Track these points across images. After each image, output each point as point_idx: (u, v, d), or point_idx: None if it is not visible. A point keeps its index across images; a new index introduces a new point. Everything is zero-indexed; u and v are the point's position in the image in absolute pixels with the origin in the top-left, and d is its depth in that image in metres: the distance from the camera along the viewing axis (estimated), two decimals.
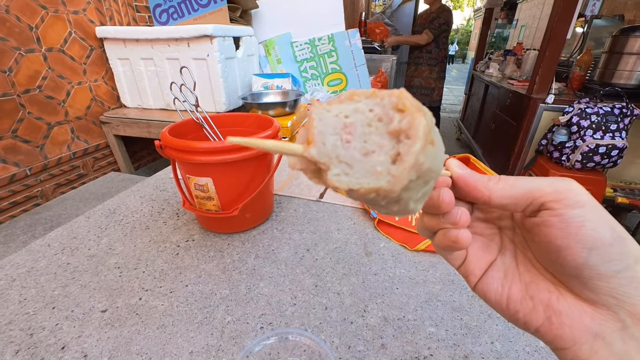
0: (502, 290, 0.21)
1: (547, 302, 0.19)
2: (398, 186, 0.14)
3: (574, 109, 1.59)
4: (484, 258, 0.23)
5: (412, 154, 0.13)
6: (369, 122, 0.15)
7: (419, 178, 0.14)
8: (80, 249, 0.56)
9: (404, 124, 0.14)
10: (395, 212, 0.16)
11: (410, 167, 0.13)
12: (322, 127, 0.15)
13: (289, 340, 0.37)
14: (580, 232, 0.17)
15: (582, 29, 2.14)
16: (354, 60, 1.60)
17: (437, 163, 0.15)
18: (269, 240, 0.58)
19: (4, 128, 1.04)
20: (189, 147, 0.49)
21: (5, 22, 1.01)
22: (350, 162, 0.15)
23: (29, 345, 0.39)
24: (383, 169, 0.14)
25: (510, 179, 0.20)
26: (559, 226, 0.17)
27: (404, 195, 0.14)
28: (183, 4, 1.30)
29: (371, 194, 0.14)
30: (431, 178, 0.16)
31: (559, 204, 0.18)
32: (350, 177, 0.14)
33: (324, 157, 0.15)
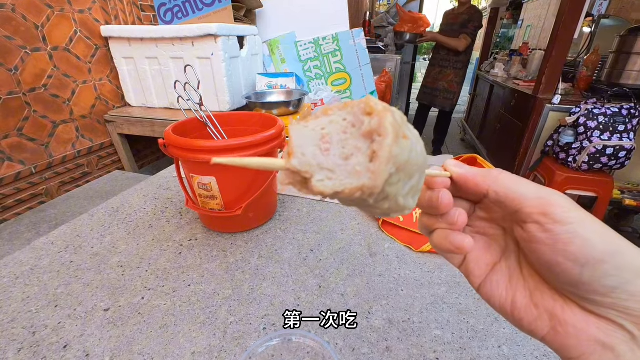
0: (507, 295, 0.21)
1: (552, 311, 0.18)
2: (379, 180, 0.14)
3: (581, 109, 1.57)
4: (485, 259, 0.22)
5: (385, 147, 0.14)
6: (344, 130, 0.16)
7: (399, 171, 0.15)
8: (83, 247, 0.56)
9: (373, 123, 0.15)
10: (388, 209, 0.17)
11: (387, 160, 0.14)
12: (300, 141, 0.16)
13: (292, 342, 0.36)
14: (569, 249, 0.16)
15: (590, 28, 2.11)
16: (359, 60, 1.59)
17: (415, 156, 0.16)
18: (272, 240, 0.57)
19: (9, 126, 1.04)
20: (192, 146, 0.48)
21: (11, 20, 1.02)
22: (332, 167, 0.16)
23: (31, 343, 0.39)
24: (362, 167, 0.15)
25: (507, 178, 0.20)
26: (548, 242, 0.17)
27: (389, 190, 0.15)
28: (188, 3, 1.30)
29: (356, 193, 0.15)
30: (415, 171, 0.16)
31: (546, 219, 0.17)
32: (333, 180, 0.15)
33: (305, 166, 0.16)
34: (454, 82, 2.69)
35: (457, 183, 0.22)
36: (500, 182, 0.20)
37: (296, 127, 0.17)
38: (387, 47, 2.62)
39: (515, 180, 0.19)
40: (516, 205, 0.19)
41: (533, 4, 5.92)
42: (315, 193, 0.16)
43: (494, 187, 0.20)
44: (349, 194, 0.15)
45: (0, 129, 1.02)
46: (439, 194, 0.21)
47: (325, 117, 0.17)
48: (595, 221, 0.17)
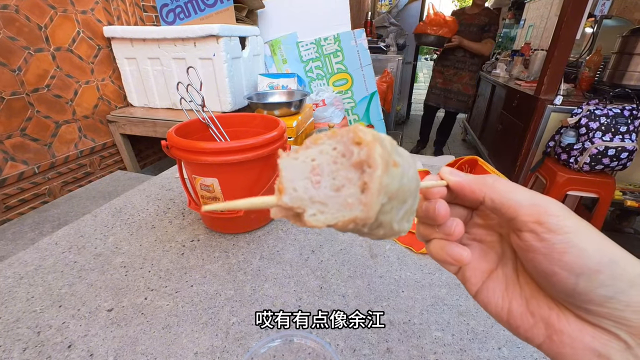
0: (503, 303, 0.21)
1: (548, 319, 0.18)
2: (371, 212, 0.14)
3: (583, 110, 1.57)
4: (481, 266, 0.22)
5: (375, 179, 0.14)
6: (334, 160, 0.16)
7: (391, 200, 0.15)
8: (87, 247, 0.56)
9: (362, 154, 0.15)
10: (382, 235, 0.17)
11: (377, 192, 0.14)
12: (290, 175, 0.16)
13: (293, 343, 0.37)
14: (564, 259, 0.16)
15: (592, 29, 2.11)
16: (360, 60, 1.59)
17: (408, 181, 0.16)
18: (274, 241, 0.58)
19: (13, 126, 1.05)
20: (195, 148, 0.49)
21: (15, 21, 1.02)
22: (324, 200, 0.16)
23: (36, 343, 0.39)
24: (354, 199, 0.15)
25: (502, 185, 0.20)
26: (543, 252, 0.17)
27: (383, 218, 0.15)
28: (190, 3, 1.31)
29: (350, 225, 0.15)
30: (408, 196, 0.17)
31: (541, 228, 0.17)
32: (325, 214, 0.15)
33: (297, 201, 0.16)
34: (469, 84, 2.62)
35: (454, 191, 0.22)
36: (495, 189, 0.20)
37: (286, 160, 0.17)
38: (388, 47, 2.62)
39: (511, 187, 0.19)
40: (511, 212, 0.19)
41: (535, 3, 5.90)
42: (307, 226, 0.16)
43: (489, 194, 0.20)
44: (342, 227, 0.15)
45: (4, 129, 1.03)
46: (435, 204, 0.21)
47: (315, 147, 0.17)
48: (591, 230, 0.17)
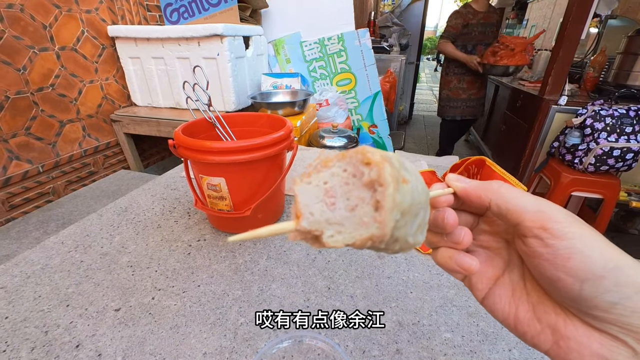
0: (510, 309, 0.21)
1: (554, 325, 0.18)
2: (387, 229, 0.15)
3: (588, 110, 1.56)
4: (487, 273, 0.22)
5: (388, 197, 0.15)
6: (345, 181, 0.17)
7: (404, 215, 0.16)
8: (93, 246, 0.56)
9: (373, 174, 0.16)
10: (399, 250, 0.17)
11: (391, 209, 0.15)
12: (306, 200, 0.17)
13: (303, 344, 0.36)
14: (569, 265, 0.16)
15: (597, 29, 2.10)
16: (364, 60, 1.59)
17: (417, 196, 0.17)
18: (280, 241, 0.58)
19: (17, 125, 1.05)
20: (202, 147, 0.48)
21: (20, 20, 1.02)
22: (340, 221, 0.16)
23: (44, 342, 0.39)
24: (369, 218, 0.16)
25: (507, 191, 0.20)
26: (547, 257, 0.17)
27: (397, 234, 0.16)
28: (194, 3, 1.31)
29: (367, 243, 0.15)
30: (419, 210, 0.17)
31: (546, 233, 0.17)
32: (343, 234, 0.16)
33: (315, 225, 0.16)
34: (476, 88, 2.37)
35: (460, 197, 0.22)
36: (501, 195, 0.20)
37: (300, 186, 0.17)
38: (391, 47, 2.61)
39: (516, 193, 0.19)
40: (516, 218, 0.19)
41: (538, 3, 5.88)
42: (327, 247, 0.16)
43: (495, 200, 0.20)
44: (360, 245, 0.15)
45: (9, 128, 1.03)
46: (444, 213, 0.21)
47: (326, 170, 0.17)
48: (595, 236, 0.17)
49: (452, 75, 2.32)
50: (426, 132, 4.17)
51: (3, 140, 1.02)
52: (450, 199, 0.22)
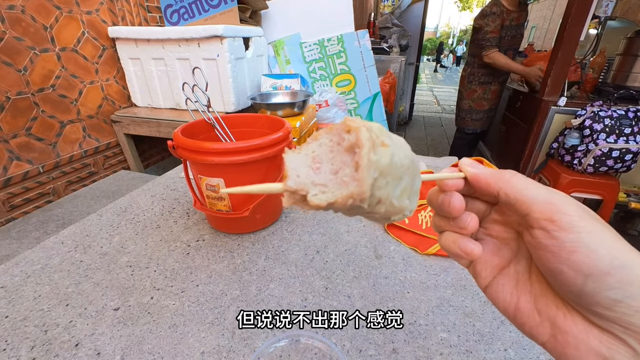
0: (511, 299, 0.21)
1: (554, 319, 0.18)
2: (365, 186, 0.16)
3: (587, 112, 1.57)
4: (493, 262, 0.22)
5: (364, 156, 0.16)
6: (330, 149, 0.18)
7: (383, 175, 0.16)
8: (92, 246, 0.56)
9: (352, 138, 0.17)
10: (386, 212, 0.18)
11: (367, 167, 0.16)
12: (294, 165, 0.18)
13: (300, 343, 0.37)
14: (573, 258, 0.16)
15: (596, 30, 2.10)
16: (363, 61, 1.59)
17: (399, 160, 0.17)
18: (278, 241, 0.58)
19: (18, 126, 1.06)
20: (201, 148, 0.49)
21: (21, 22, 1.03)
22: (324, 182, 0.18)
23: (43, 341, 0.39)
24: (348, 177, 0.17)
25: (519, 181, 0.19)
26: (552, 250, 0.17)
27: (379, 193, 0.17)
28: (194, 4, 1.31)
29: (348, 201, 0.16)
30: (402, 174, 0.18)
31: (553, 225, 0.17)
32: (326, 193, 0.17)
33: (300, 185, 0.18)
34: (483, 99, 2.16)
35: (470, 183, 0.21)
36: (511, 184, 0.19)
37: (290, 154, 0.19)
38: (391, 48, 2.62)
39: (527, 183, 0.19)
40: (525, 209, 0.18)
41: (538, 4, 5.89)
42: (312, 206, 0.17)
43: (504, 189, 0.19)
44: (342, 203, 0.16)
45: (9, 129, 1.03)
46: (450, 198, 0.21)
47: (315, 142, 0.19)
48: (605, 231, 0.16)
49: (476, 85, 2.06)
50: (426, 133, 4.18)
51: (4, 141, 1.02)
52: (459, 183, 0.21)
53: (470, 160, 0.22)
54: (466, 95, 2.12)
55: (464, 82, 2.12)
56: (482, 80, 2.04)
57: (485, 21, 1.84)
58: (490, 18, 1.82)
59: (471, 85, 2.08)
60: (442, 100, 6.50)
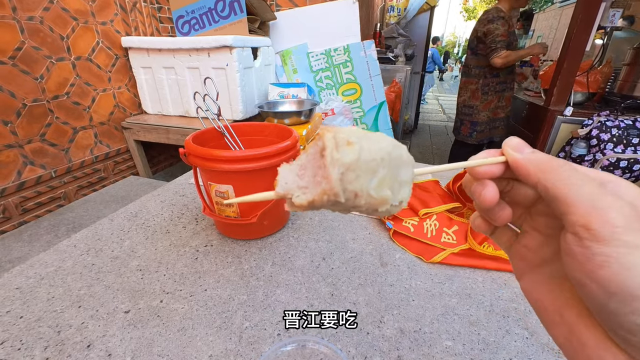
0: (539, 296, 0.20)
1: (573, 325, 0.17)
2: (332, 182, 0.17)
3: (594, 121, 1.56)
4: (526, 256, 0.21)
5: (327, 156, 0.18)
6: (313, 156, 0.20)
7: (351, 170, 0.18)
8: (104, 250, 0.58)
9: (320, 144, 0.19)
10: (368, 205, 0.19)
11: (330, 164, 0.18)
12: (285, 175, 0.21)
13: (306, 348, 0.37)
14: (600, 273, 0.14)
15: (602, 40, 2.11)
16: (369, 71, 1.62)
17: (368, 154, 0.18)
18: (285, 247, 0.59)
19: (33, 132, 1.09)
20: (211, 156, 0.50)
21: (39, 32, 1.07)
22: (306, 185, 0.20)
23: (56, 342, 0.40)
24: (320, 177, 0.19)
25: (565, 173, 0.16)
26: (580, 259, 0.15)
27: (353, 187, 0.18)
28: (204, 15, 1.35)
29: (324, 197, 0.18)
30: (377, 167, 0.19)
31: (588, 234, 0.15)
32: (306, 194, 0.19)
33: (287, 190, 0.20)
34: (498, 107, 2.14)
35: (512, 169, 0.19)
36: (553, 177, 0.16)
37: (283, 166, 0.21)
38: (397, 57, 2.64)
39: (576, 177, 0.16)
40: (563, 208, 0.16)
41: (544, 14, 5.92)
42: (297, 207, 0.19)
43: (543, 182, 0.17)
44: (319, 200, 0.18)
45: (25, 134, 1.07)
46: (482, 189, 0.19)
47: (304, 153, 0.21)
48: None
49: (492, 95, 2.02)
50: (432, 142, 4.18)
51: (19, 146, 1.05)
52: (492, 171, 0.19)
53: (517, 140, 0.19)
54: (483, 107, 2.07)
55: (478, 95, 2.05)
56: (497, 89, 2.01)
57: (493, 25, 1.83)
58: (499, 22, 1.82)
59: (487, 96, 2.03)
60: (447, 109, 6.51)
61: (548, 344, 0.41)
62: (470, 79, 2.07)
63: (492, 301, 0.48)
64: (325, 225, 0.65)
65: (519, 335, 0.42)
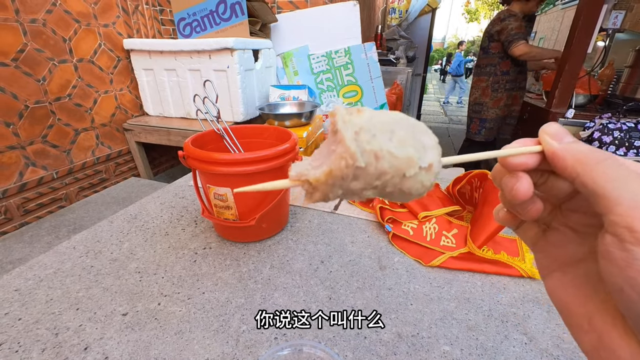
0: (567, 298, 0.18)
1: (604, 334, 0.16)
2: (347, 141, 0.16)
3: (595, 124, 1.56)
4: (553, 254, 0.20)
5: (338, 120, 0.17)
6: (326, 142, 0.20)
7: (366, 129, 0.17)
8: (103, 252, 0.58)
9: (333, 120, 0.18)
10: (394, 171, 0.17)
11: (343, 127, 0.17)
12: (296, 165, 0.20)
13: (303, 352, 0.37)
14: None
15: (604, 42, 2.10)
16: (370, 73, 1.62)
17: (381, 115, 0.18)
18: (284, 250, 0.59)
19: (35, 133, 1.10)
20: (210, 158, 0.50)
21: (42, 34, 1.08)
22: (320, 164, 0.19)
23: (54, 344, 0.41)
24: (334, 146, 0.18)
25: (607, 169, 0.15)
26: (620, 264, 0.14)
27: (369, 147, 0.16)
28: (206, 17, 1.35)
29: (341, 163, 0.17)
30: (392, 126, 0.18)
31: (631, 236, 0.13)
32: (322, 167, 0.18)
33: (300, 172, 0.19)
34: None
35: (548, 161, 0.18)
36: (594, 172, 0.15)
37: (294, 163, 0.20)
38: (398, 59, 2.64)
39: (619, 173, 0.15)
40: (603, 207, 0.14)
41: (546, 16, 5.91)
42: (313, 183, 0.18)
43: (582, 177, 0.15)
44: (337, 168, 0.17)
45: (27, 136, 1.07)
46: (515, 181, 0.18)
47: (317, 149, 0.20)
48: None
49: (502, 92, 2.05)
50: None
51: (21, 147, 1.06)
52: (527, 162, 0.18)
53: (556, 126, 0.17)
54: (492, 105, 2.10)
55: (488, 92, 2.08)
56: (507, 87, 2.04)
57: (506, 22, 1.87)
58: (511, 19, 1.86)
59: (497, 93, 2.06)
60: (449, 111, 6.50)
61: (547, 350, 0.41)
62: (481, 77, 2.11)
63: (491, 306, 0.48)
64: (324, 228, 0.65)
65: (517, 341, 0.42)
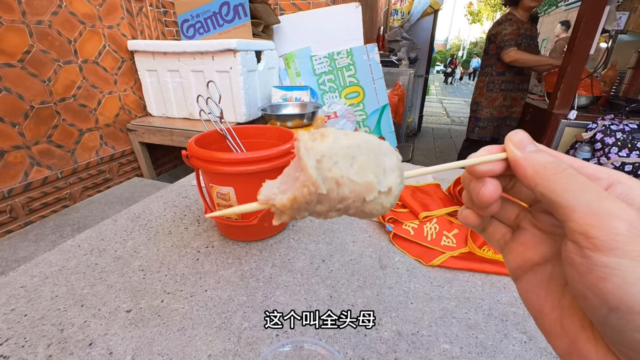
0: (537, 301, 0.19)
1: (575, 338, 0.16)
2: (308, 169, 0.17)
3: (598, 125, 1.55)
4: (523, 255, 0.20)
5: (300, 147, 0.18)
6: (293, 166, 0.20)
7: (327, 157, 0.17)
8: (107, 250, 0.59)
9: (297, 145, 0.19)
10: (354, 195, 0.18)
11: (305, 155, 0.17)
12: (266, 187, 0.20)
13: (304, 349, 0.38)
14: (600, 286, 0.13)
15: (607, 44, 2.10)
16: (372, 74, 1.62)
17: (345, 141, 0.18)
18: (285, 249, 0.59)
19: (40, 133, 1.11)
20: (213, 158, 0.51)
21: (47, 36, 1.09)
22: (287, 189, 0.19)
23: (59, 340, 0.41)
24: (299, 173, 0.18)
25: (566, 178, 0.15)
26: (580, 270, 0.14)
27: (330, 174, 0.17)
28: (209, 19, 1.37)
29: (304, 190, 0.17)
30: (355, 152, 0.18)
31: (588, 242, 0.14)
32: (287, 194, 0.18)
33: (268, 196, 0.20)
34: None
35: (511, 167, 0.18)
36: (550, 182, 0.15)
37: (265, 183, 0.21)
38: (400, 60, 2.65)
39: (574, 182, 0.15)
40: (562, 215, 0.15)
41: (549, 17, 5.90)
42: (281, 212, 0.18)
43: (540, 187, 0.16)
44: (300, 195, 0.17)
45: (32, 136, 1.09)
46: (480, 188, 0.18)
47: (286, 169, 0.21)
48: None
49: (497, 92, 2.08)
50: (435, 145, 4.17)
51: (26, 147, 1.07)
52: (494, 167, 0.18)
53: (521, 135, 0.18)
54: (486, 104, 2.15)
55: (483, 92, 2.14)
56: (502, 88, 2.08)
57: (501, 27, 1.95)
58: (506, 24, 1.93)
59: (491, 93, 2.11)
60: (451, 112, 6.50)
61: (546, 349, 0.41)
62: (481, 77, 2.17)
63: (491, 305, 0.48)
64: (326, 228, 0.66)
65: (517, 340, 0.42)
